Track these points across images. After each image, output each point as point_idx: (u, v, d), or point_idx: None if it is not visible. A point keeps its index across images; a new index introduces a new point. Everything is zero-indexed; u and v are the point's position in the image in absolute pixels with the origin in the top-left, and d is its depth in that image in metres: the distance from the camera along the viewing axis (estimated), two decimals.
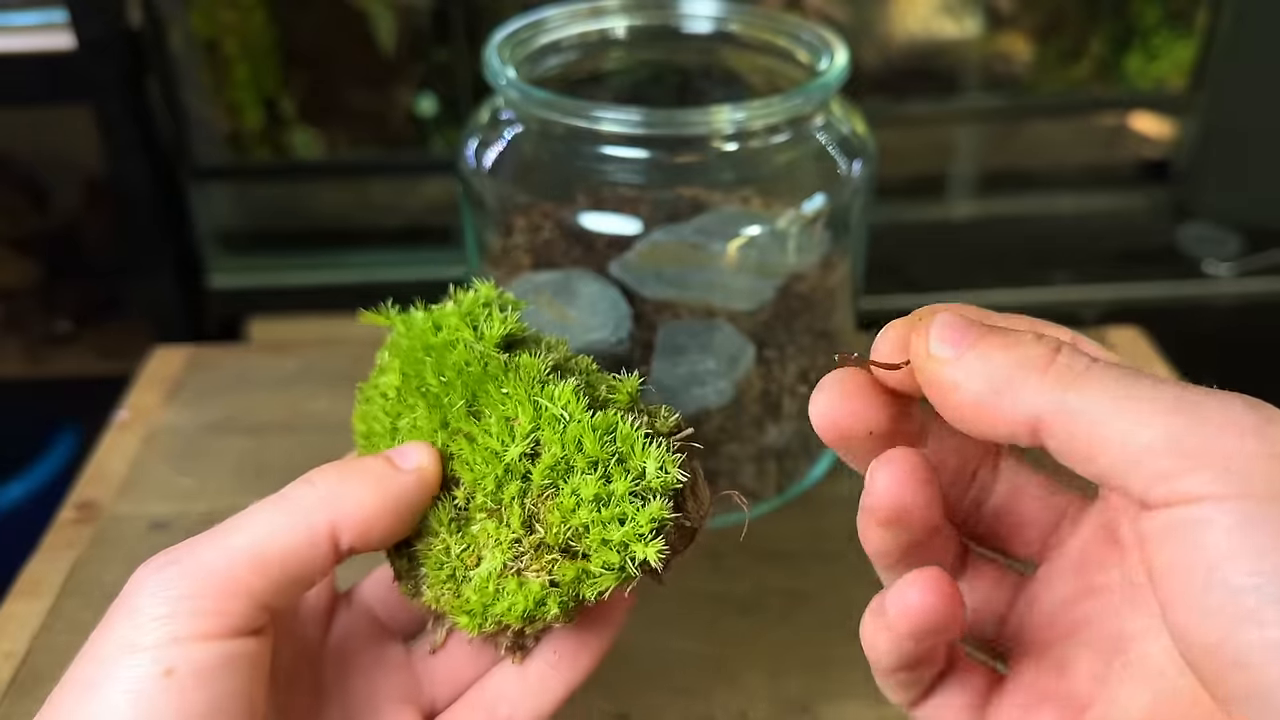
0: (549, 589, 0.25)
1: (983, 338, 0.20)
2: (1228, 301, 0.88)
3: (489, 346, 0.26)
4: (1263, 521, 0.17)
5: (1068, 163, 0.98)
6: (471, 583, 0.25)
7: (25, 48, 0.84)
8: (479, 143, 0.43)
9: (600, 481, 0.24)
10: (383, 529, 0.25)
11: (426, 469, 0.26)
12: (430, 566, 0.26)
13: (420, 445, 0.26)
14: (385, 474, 0.25)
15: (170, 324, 0.93)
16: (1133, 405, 0.18)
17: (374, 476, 0.25)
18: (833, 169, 0.42)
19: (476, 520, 0.25)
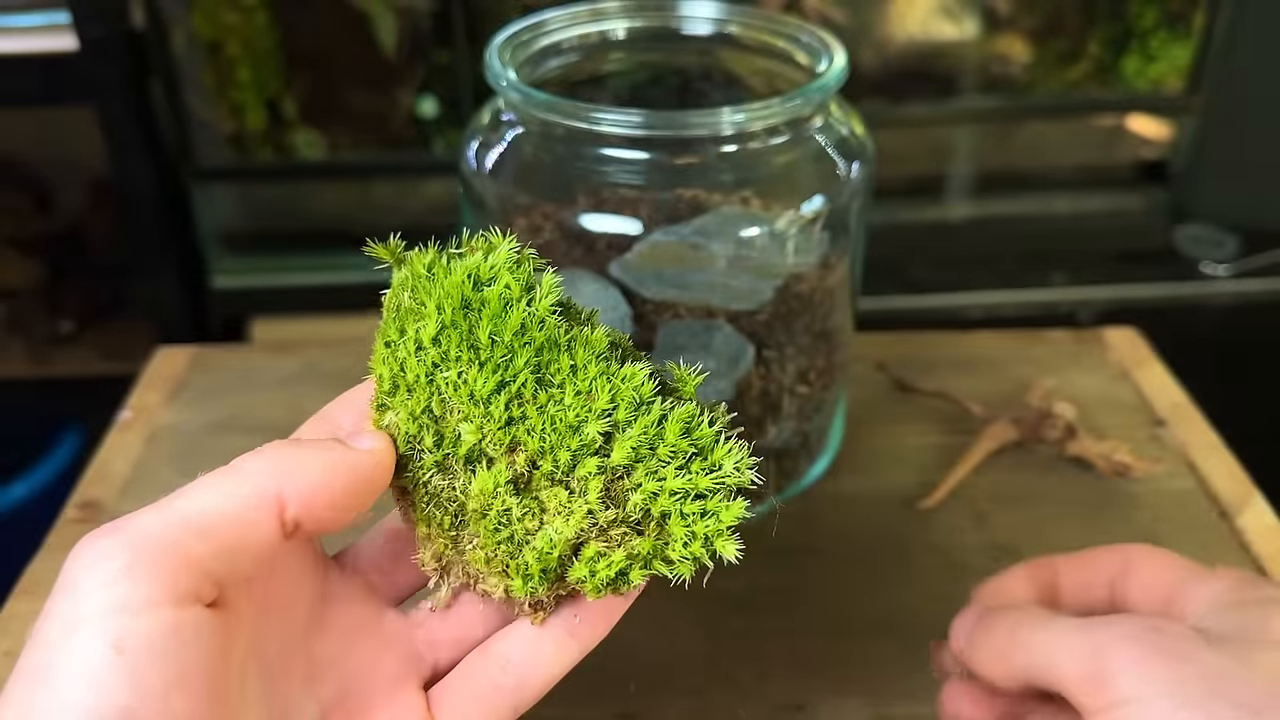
0: (632, 560, 0.25)
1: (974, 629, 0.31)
2: (1225, 302, 0.88)
3: (546, 312, 0.25)
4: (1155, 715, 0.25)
5: (1065, 164, 0.99)
6: (533, 547, 0.25)
7: (28, 49, 0.84)
8: (480, 144, 0.43)
9: (684, 473, 0.24)
10: (330, 502, 0.24)
11: (381, 451, 0.26)
12: (485, 527, 0.25)
13: (376, 434, 0.26)
14: (337, 449, 0.25)
15: (173, 324, 0.93)
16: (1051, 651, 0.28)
17: (324, 450, 0.25)
18: (831, 170, 0.42)
19: (542, 487, 0.25)
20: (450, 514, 0.26)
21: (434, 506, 0.26)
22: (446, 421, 0.26)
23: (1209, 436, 0.53)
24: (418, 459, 0.26)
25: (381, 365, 0.27)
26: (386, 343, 0.27)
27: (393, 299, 0.27)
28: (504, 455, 0.25)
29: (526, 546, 0.25)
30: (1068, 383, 0.56)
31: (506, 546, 0.25)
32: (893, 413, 0.54)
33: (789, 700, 0.39)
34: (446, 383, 0.25)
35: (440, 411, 0.26)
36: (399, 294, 0.27)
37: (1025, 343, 0.59)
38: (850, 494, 0.49)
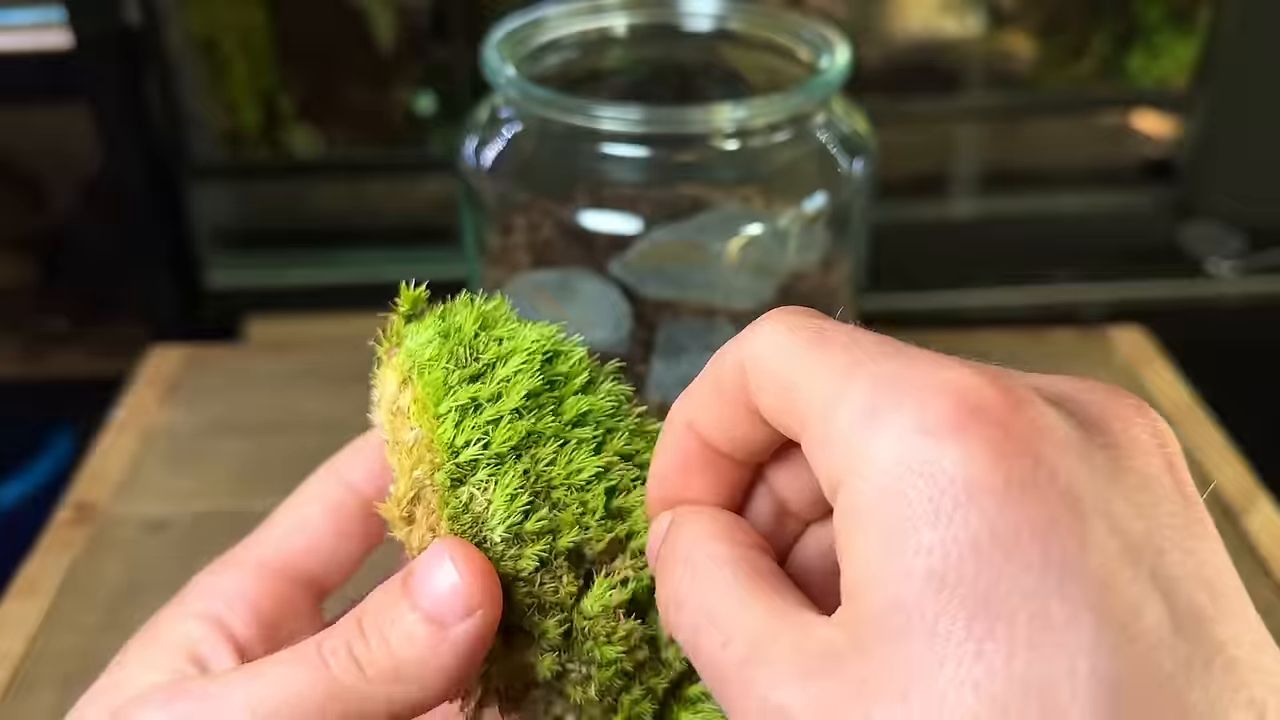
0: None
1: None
2: (1231, 301, 0.88)
3: (625, 396, 0.23)
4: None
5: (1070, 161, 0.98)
6: (643, 681, 0.21)
7: (21, 46, 0.84)
8: (478, 141, 0.43)
9: None
10: (448, 697, 0.21)
11: (487, 612, 0.20)
12: (600, 659, 0.21)
13: (466, 574, 0.20)
14: (436, 642, 0.20)
15: (167, 323, 0.93)
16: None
17: (424, 650, 0.20)
18: (834, 167, 0.42)
19: (649, 606, 0.21)
20: (555, 622, 0.21)
21: (537, 611, 0.21)
22: (543, 510, 0.21)
23: (1215, 436, 0.52)
24: (516, 547, 0.21)
25: (454, 429, 0.21)
26: (460, 406, 0.21)
27: (438, 353, 0.22)
28: (605, 558, 0.21)
29: (636, 680, 0.21)
30: None
31: (621, 681, 0.21)
32: None
33: None
34: (539, 462, 0.21)
35: (536, 497, 0.21)
36: (449, 348, 0.22)
37: (1030, 341, 0.59)
38: None
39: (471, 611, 0.20)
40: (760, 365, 0.18)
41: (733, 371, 0.19)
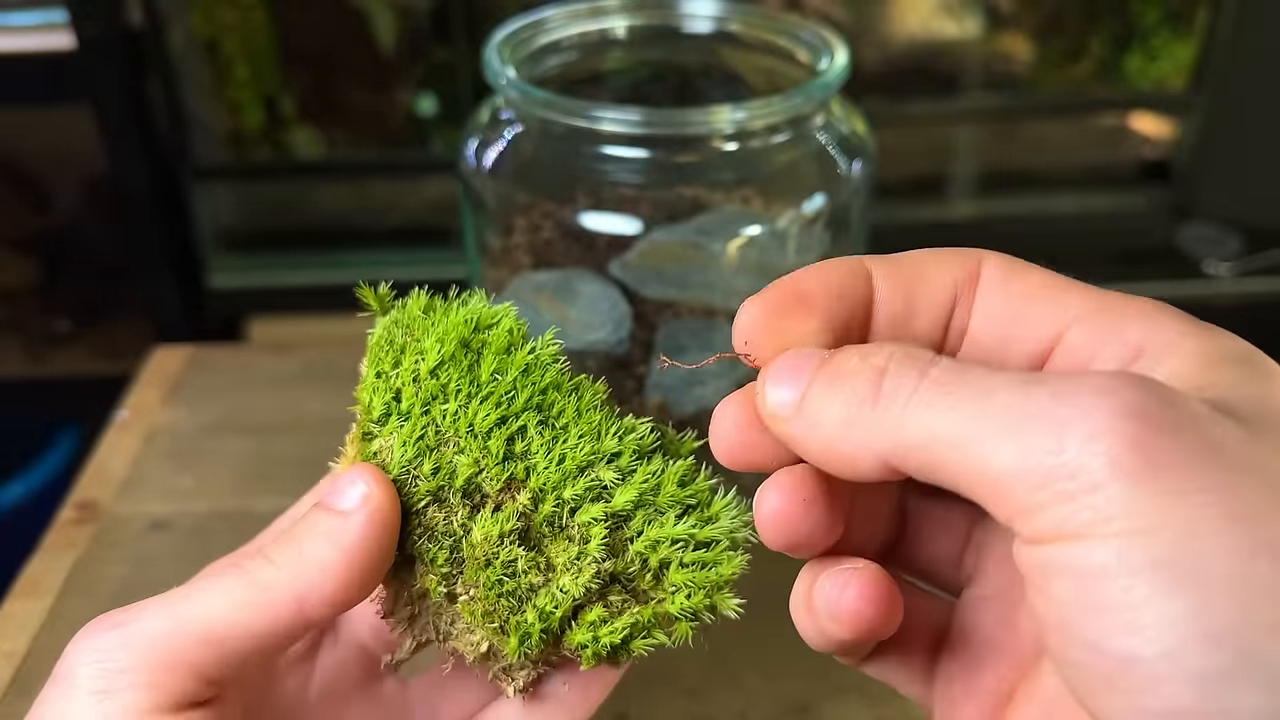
0: (634, 629, 0.24)
1: (811, 384, 0.18)
2: (1228, 301, 0.88)
3: (550, 357, 0.25)
4: (1152, 566, 0.14)
5: (1068, 163, 0.98)
6: (536, 604, 0.24)
7: (25, 48, 0.84)
8: (479, 142, 0.43)
9: (683, 521, 0.24)
10: (354, 589, 0.23)
11: (375, 499, 0.23)
12: (487, 577, 0.24)
13: (358, 472, 0.23)
14: (336, 528, 0.23)
15: (170, 324, 0.93)
16: (974, 424, 0.16)
17: (329, 536, 0.22)
18: (833, 169, 0.42)
19: (545, 537, 0.24)
20: (446, 550, 0.24)
21: (427, 539, 0.24)
22: (443, 453, 0.24)
23: None
24: (411, 485, 0.24)
25: (371, 394, 0.25)
26: (378, 373, 0.25)
27: (383, 334, 0.26)
28: (503, 494, 0.24)
29: (528, 603, 0.24)
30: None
31: (508, 601, 0.24)
32: None
33: (795, 702, 0.39)
34: (445, 414, 0.24)
35: (435, 443, 0.24)
36: (391, 330, 0.26)
37: None
38: None
39: (367, 501, 0.23)
40: None
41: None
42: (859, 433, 0.17)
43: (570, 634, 0.24)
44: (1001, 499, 0.16)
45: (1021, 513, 0.15)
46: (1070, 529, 0.15)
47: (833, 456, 0.18)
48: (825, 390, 0.18)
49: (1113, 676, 0.15)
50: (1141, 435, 0.14)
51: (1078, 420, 0.15)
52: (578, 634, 0.24)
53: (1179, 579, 0.14)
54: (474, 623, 0.24)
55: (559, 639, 0.24)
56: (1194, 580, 0.14)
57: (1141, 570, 0.14)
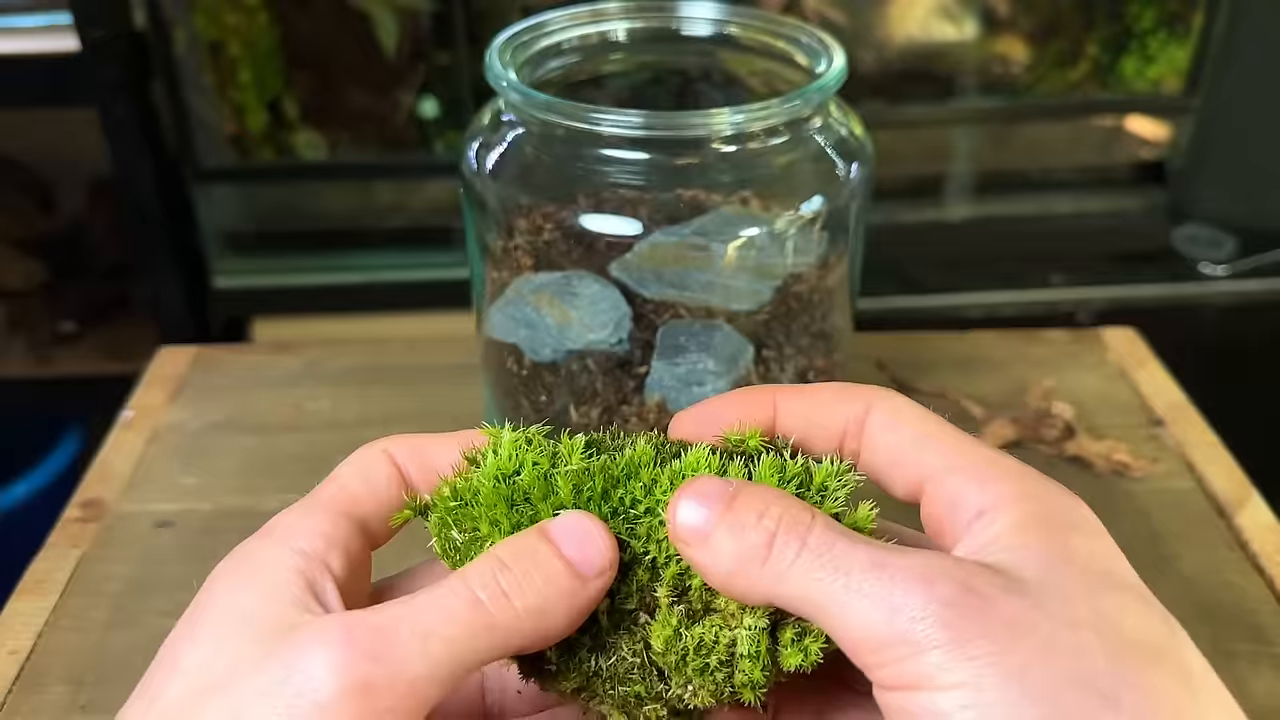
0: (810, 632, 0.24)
1: (716, 527, 0.22)
2: (1223, 302, 0.88)
3: (581, 461, 0.25)
4: (960, 709, 0.19)
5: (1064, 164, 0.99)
6: (742, 654, 0.23)
7: (30, 50, 0.85)
8: (480, 145, 0.44)
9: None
10: (555, 640, 0.23)
11: (609, 573, 0.23)
12: (693, 668, 0.24)
13: (604, 537, 0.23)
14: (576, 593, 0.23)
15: (175, 324, 0.94)
16: (835, 596, 0.21)
17: (566, 592, 0.23)
18: (831, 171, 0.42)
19: (701, 602, 0.24)
20: (644, 684, 0.24)
21: (616, 686, 0.24)
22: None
23: (1207, 436, 0.53)
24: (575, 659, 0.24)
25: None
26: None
27: (443, 543, 0.25)
28: (650, 595, 0.24)
29: (737, 661, 0.24)
30: (1066, 382, 0.56)
31: (722, 671, 0.24)
32: None
33: None
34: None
35: None
36: (446, 535, 0.25)
37: (1024, 342, 0.60)
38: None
39: (603, 572, 0.23)
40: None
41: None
42: (750, 579, 0.22)
43: (784, 657, 0.24)
44: (857, 654, 0.21)
45: (871, 666, 0.21)
46: (905, 681, 0.20)
47: (728, 587, 0.23)
48: (726, 537, 0.22)
49: None
50: (949, 617, 0.20)
51: (908, 605, 0.20)
52: (791, 657, 0.23)
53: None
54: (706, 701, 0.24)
55: (778, 669, 0.24)
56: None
57: (953, 713, 0.19)
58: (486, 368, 0.47)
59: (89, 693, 0.41)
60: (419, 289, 0.93)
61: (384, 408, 0.54)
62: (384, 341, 0.61)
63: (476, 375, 0.49)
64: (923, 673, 0.20)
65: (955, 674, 0.20)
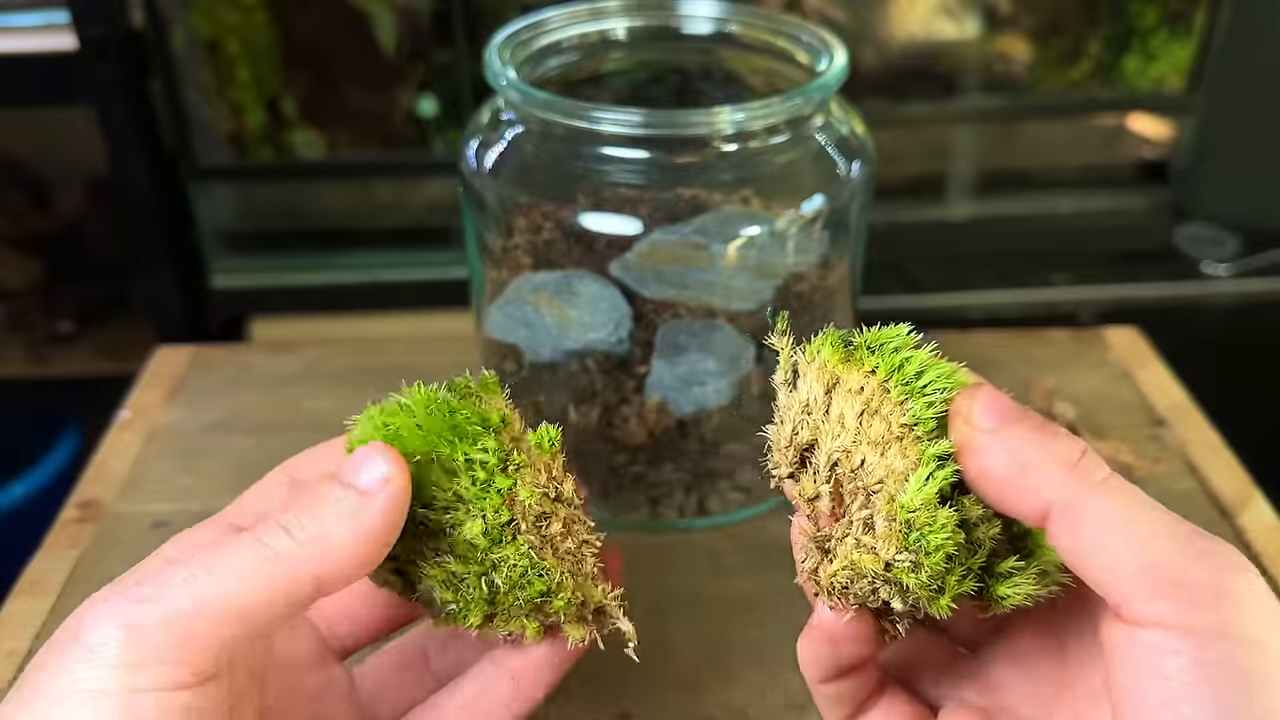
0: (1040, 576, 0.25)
1: (1021, 420, 0.23)
2: (1226, 302, 0.88)
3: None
4: (1225, 668, 0.19)
5: (1066, 163, 0.99)
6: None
7: (27, 48, 0.84)
8: (480, 143, 0.43)
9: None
10: (366, 569, 0.24)
11: (396, 481, 0.24)
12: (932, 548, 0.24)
13: (376, 451, 0.24)
14: (358, 509, 0.24)
15: (172, 324, 0.93)
16: (1135, 527, 0.21)
17: (348, 512, 0.23)
18: (832, 169, 0.42)
19: None
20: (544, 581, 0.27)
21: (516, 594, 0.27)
22: None
23: (1210, 436, 0.53)
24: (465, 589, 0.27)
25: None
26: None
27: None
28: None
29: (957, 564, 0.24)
30: (1068, 382, 0.56)
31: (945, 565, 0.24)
32: None
33: (795, 700, 0.39)
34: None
35: None
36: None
37: (1026, 342, 0.59)
38: None
39: (388, 480, 0.24)
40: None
41: None
42: (1045, 479, 0.22)
43: (991, 587, 0.24)
44: (1124, 582, 0.21)
45: (1137, 595, 0.20)
46: (1166, 620, 0.20)
47: (1005, 482, 0.22)
48: (1031, 433, 0.22)
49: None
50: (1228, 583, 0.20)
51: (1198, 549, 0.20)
52: (999, 587, 0.24)
53: None
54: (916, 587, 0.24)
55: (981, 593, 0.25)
56: None
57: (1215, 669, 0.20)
58: (486, 367, 0.47)
59: None
60: (418, 288, 0.93)
61: None
62: (383, 341, 0.60)
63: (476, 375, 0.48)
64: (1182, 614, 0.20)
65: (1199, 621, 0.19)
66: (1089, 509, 0.21)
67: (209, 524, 0.27)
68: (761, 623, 0.42)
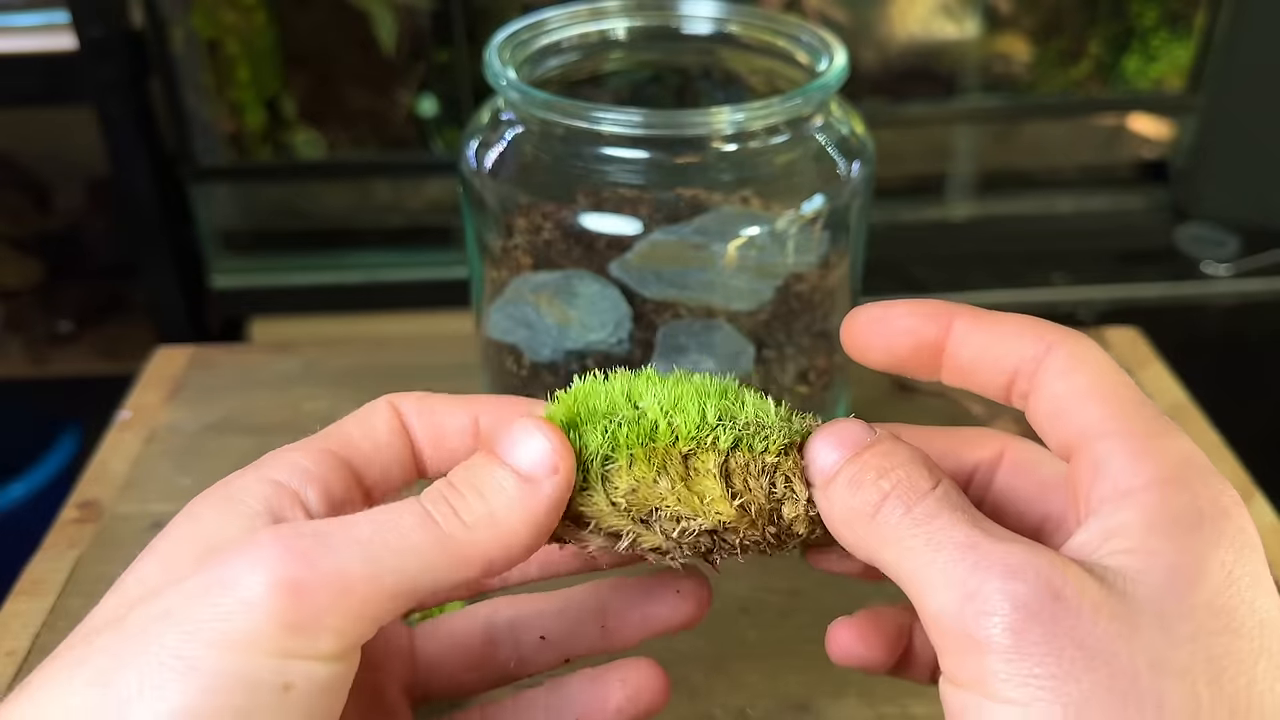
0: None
1: (841, 472, 0.22)
2: (1226, 302, 0.88)
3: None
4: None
5: (1066, 163, 0.99)
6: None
7: (27, 49, 0.85)
8: (480, 143, 0.43)
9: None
10: (531, 550, 0.23)
11: (565, 471, 0.23)
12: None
13: (547, 434, 0.23)
14: (528, 499, 0.22)
15: (172, 324, 0.94)
16: (920, 571, 0.20)
17: (515, 499, 0.22)
18: (832, 170, 0.42)
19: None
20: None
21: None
22: None
23: (1210, 436, 0.53)
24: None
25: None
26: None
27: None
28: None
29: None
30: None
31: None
32: (893, 413, 0.54)
33: (795, 700, 0.39)
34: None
35: None
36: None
37: None
38: None
39: (555, 470, 0.22)
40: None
41: None
42: (856, 535, 0.22)
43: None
44: (930, 635, 0.20)
45: (940, 651, 0.19)
46: (964, 678, 0.19)
47: (839, 536, 0.22)
48: (844, 488, 0.22)
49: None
50: (1019, 622, 0.18)
51: (981, 597, 0.18)
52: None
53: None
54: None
55: None
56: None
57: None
58: (486, 368, 0.47)
59: None
60: (418, 288, 0.93)
61: None
62: (383, 341, 0.60)
63: (476, 375, 0.49)
64: (980, 676, 0.18)
65: (1010, 689, 0.18)
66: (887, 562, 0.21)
67: (308, 445, 0.25)
68: (761, 623, 0.42)
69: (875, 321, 0.24)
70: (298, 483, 0.23)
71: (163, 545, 0.22)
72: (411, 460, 0.26)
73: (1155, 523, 0.19)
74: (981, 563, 0.19)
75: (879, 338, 0.24)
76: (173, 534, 0.22)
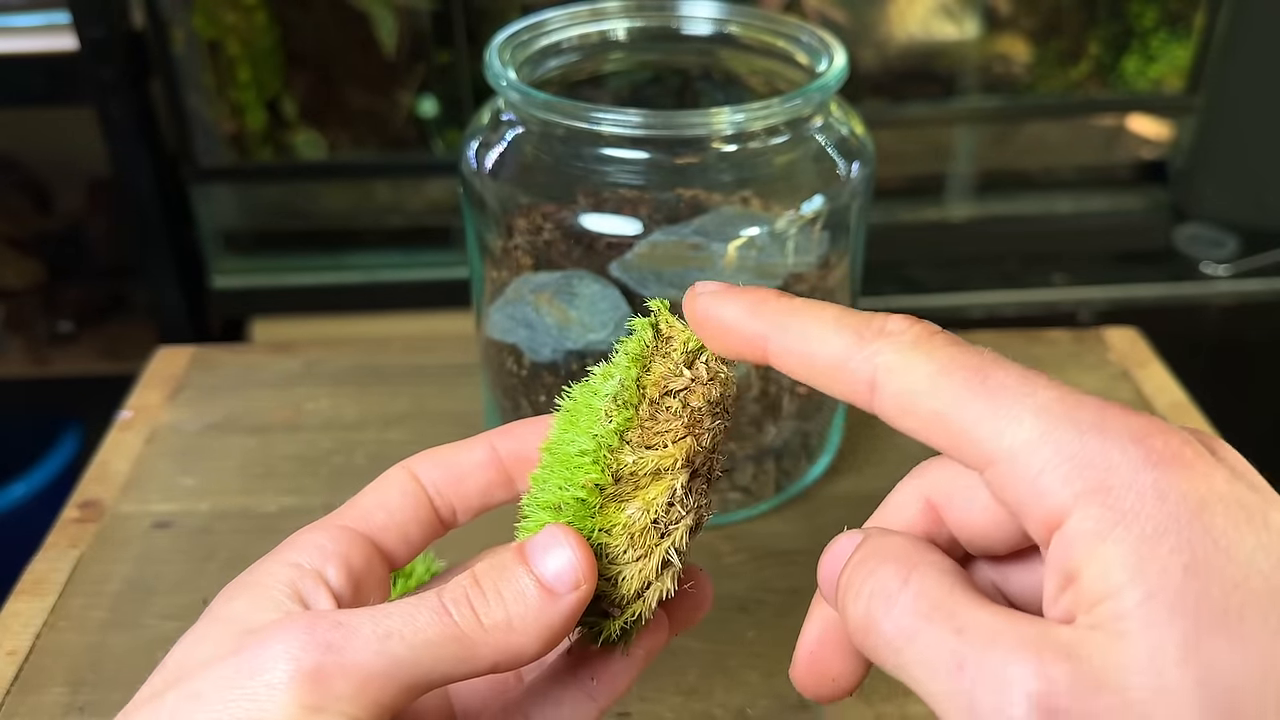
0: None
1: (840, 588, 0.22)
2: (1225, 302, 0.88)
3: None
4: None
5: (1066, 164, 0.99)
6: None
7: (28, 49, 0.85)
8: (480, 144, 0.43)
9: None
10: (539, 656, 0.23)
11: (585, 588, 0.23)
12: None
13: (573, 549, 0.23)
14: (546, 611, 0.23)
15: (173, 324, 0.94)
16: (905, 669, 0.19)
17: (533, 609, 0.23)
18: (831, 170, 0.42)
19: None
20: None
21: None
22: None
23: None
24: None
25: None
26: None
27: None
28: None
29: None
30: (1068, 382, 0.56)
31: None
32: None
33: (794, 699, 0.39)
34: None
35: None
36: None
37: (1026, 342, 0.59)
38: (850, 494, 0.49)
39: (577, 586, 0.23)
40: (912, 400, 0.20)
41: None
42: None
43: None
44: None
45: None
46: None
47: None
48: (849, 600, 0.22)
49: None
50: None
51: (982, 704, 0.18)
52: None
53: None
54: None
55: None
56: None
57: None
58: (486, 367, 0.47)
59: (87, 694, 0.40)
60: (418, 289, 0.93)
61: (383, 408, 0.54)
62: (383, 341, 0.60)
63: (476, 375, 0.49)
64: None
65: None
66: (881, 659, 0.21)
67: (326, 523, 0.26)
68: (761, 623, 0.42)
69: (705, 317, 0.24)
70: (319, 562, 0.24)
71: (196, 629, 0.24)
72: (431, 517, 0.27)
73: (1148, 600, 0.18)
74: (973, 672, 0.18)
75: (707, 330, 0.24)
76: (205, 618, 0.24)
